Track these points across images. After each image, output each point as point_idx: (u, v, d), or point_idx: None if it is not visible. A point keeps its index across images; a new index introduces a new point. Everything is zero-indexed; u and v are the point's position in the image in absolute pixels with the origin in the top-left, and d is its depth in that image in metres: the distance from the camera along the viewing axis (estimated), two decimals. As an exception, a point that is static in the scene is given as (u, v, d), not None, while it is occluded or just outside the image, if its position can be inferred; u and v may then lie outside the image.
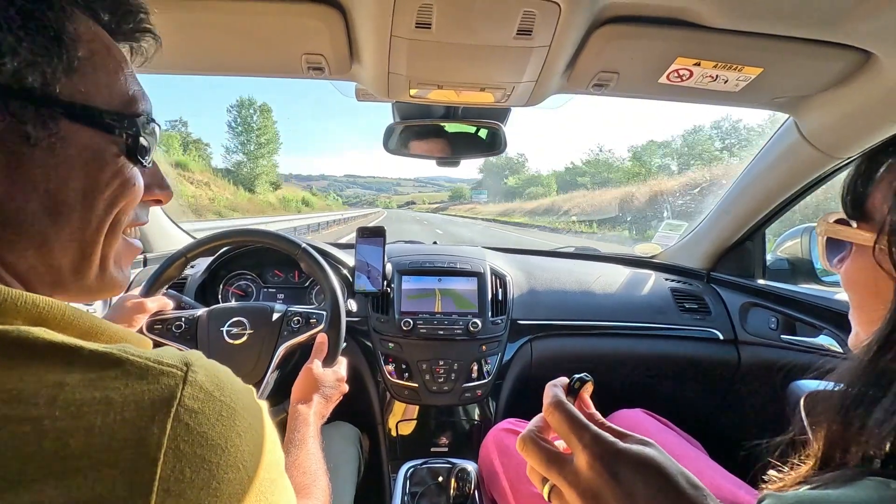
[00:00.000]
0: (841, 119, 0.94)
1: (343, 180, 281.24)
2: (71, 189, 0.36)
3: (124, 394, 0.27)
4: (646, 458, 0.39)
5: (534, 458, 0.43)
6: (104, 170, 0.37)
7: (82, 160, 0.36)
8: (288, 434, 0.73)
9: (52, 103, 0.34)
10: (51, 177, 0.35)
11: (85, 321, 0.33)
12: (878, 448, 0.34)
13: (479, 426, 1.34)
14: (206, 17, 0.75)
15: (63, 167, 0.35)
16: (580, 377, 0.48)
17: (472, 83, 0.90)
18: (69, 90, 0.35)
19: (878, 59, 0.77)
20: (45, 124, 0.34)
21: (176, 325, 0.97)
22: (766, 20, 0.71)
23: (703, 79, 0.86)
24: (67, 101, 0.35)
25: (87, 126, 0.36)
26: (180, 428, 0.28)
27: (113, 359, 0.29)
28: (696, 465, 0.86)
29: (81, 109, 0.36)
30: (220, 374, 0.33)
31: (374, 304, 1.30)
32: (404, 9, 0.68)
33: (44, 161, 0.34)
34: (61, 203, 0.35)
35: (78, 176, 0.36)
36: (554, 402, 0.44)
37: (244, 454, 0.31)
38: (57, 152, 0.35)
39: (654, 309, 1.41)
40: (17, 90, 0.32)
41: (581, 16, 0.70)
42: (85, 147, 0.36)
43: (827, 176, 1.12)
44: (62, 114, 0.35)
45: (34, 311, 0.30)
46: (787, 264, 1.38)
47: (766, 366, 1.29)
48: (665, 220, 1.83)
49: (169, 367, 0.30)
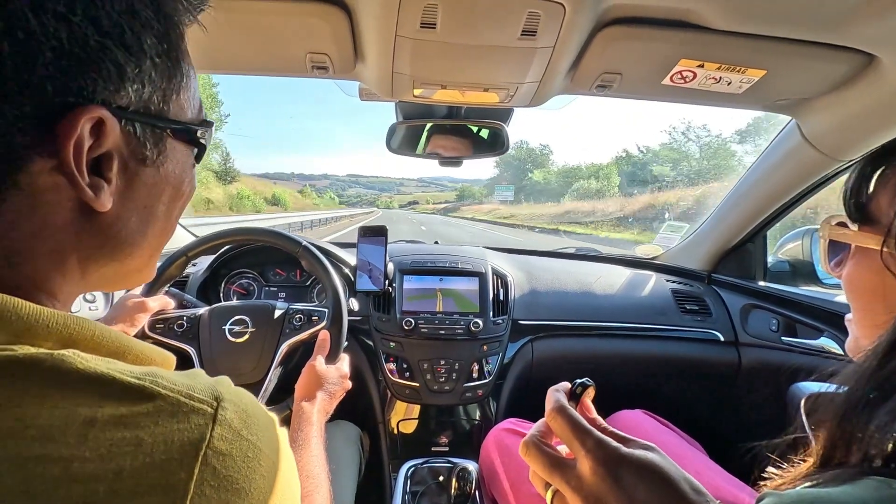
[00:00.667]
0: (843, 121, 0.94)
1: (346, 179, 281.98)
2: (162, 202, 0.37)
3: (154, 433, 0.27)
4: (649, 462, 0.39)
5: (537, 463, 0.43)
6: (186, 180, 0.39)
7: (175, 174, 0.37)
8: (291, 433, 0.73)
9: (166, 123, 0.34)
10: (152, 193, 0.36)
11: (113, 340, 0.32)
12: (880, 448, 0.34)
13: (479, 426, 1.35)
14: (210, 16, 0.76)
15: (162, 183, 0.36)
16: (582, 382, 0.48)
17: (476, 83, 0.91)
18: (176, 108, 0.36)
19: (881, 62, 0.77)
20: (157, 144, 0.34)
21: (178, 324, 0.97)
22: (769, 22, 0.71)
23: (706, 80, 0.86)
24: (174, 119, 0.35)
25: (182, 141, 0.37)
26: (207, 472, 0.27)
27: (145, 393, 0.28)
28: (697, 465, 0.86)
29: (182, 127, 0.36)
30: (248, 407, 0.32)
31: (375, 303, 1.30)
32: (409, 9, 0.68)
33: (151, 180, 0.35)
34: (152, 215, 0.37)
35: (170, 189, 0.37)
36: (557, 408, 0.44)
37: (266, 495, 0.30)
38: (160, 170, 0.36)
39: (655, 310, 1.41)
40: (143, 114, 0.33)
41: (585, 17, 0.70)
42: (178, 162, 0.37)
43: (829, 178, 1.12)
44: (169, 133, 0.35)
45: (65, 333, 0.29)
46: (788, 266, 1.38)
47: (766, 368, 1.30)
48: (667, 222, 1.83)
49: (199, 402, 0.29)
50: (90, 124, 0.30)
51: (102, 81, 0.30)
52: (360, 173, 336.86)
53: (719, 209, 1.43)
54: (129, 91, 0.31)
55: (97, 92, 0.30)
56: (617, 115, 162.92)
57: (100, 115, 0.30)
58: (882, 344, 0.38)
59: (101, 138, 0.30)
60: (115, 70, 0.30)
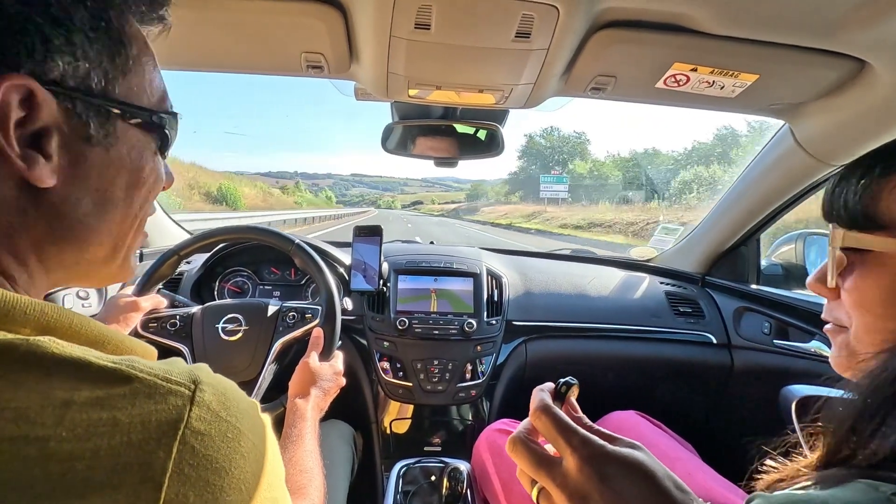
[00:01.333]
0: (835, 126, 0.94)
1: (350, 179, 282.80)
2: (118, 187, 0.37)
3: (131, 414, 0.27)
4: (634, 460, 0.39)
5: (523, 460, 0.43)
6: (145, 167, 0.39)
7: (130, 158, 0.37)
8: (285, 429, 0.73)
9: (111, 104, 0.35)
10: (103, 175, 0.36)
11: (92, 329, 0.32)
12: (886, 451, 0.35)
13: (472, 426, 1.35)
14: (205, 14, 0.75)
15: (114, 166, 0.36)
16: (566, 381, 0.48)
17: (471, 84, 0.91)
18: (124, 90, 0.36)
19: (873, 69, 0.77)
20: (103, 125, 0.35)
21: (171, 323, 0.97)
22: (763, 27, 0.71)
23: (699, 84, 0.87)
24: (123, 101, 0.36)
25: (136, 125, 0.37)
26: (186, 451, 0.28)
27: (122, 375, 0.28)
28: (688, 467, 0.87)
29: (134, 109, 0.37)
30: (227, 391, 0.32)
31: (369, 302, 1.30)
32: (404, 9, 0.68)
33: (99, 160, 0.35)
34: (108, 200, 0.37)
35: (125, 173, 0.37)
36: (541, 407, 0.44)
37: (247, 475, 0.30)
38: (111, 152, 0.36)
39: (649, 312, 1.42)
40: (83, 91, 0.33)
41: (579, 20, 0.70)
42: (133, 146, 0.38)
43: (821, 183, 1.13)
44: (118, 114, 0.36)
45: (42, 320, 0.30)
46: (781, 269, 1.39)
47: (758, 370, 1.30)
48: (661, 225, 1.84)
49: (177, 384, 0.29)
50: (18, 95, 0.30)
51: (26, 51, 0.30)
52: (364, 173, 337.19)
53: (713, 212, 1.43)
54: (59, 64, 0.31)
55: (21, 62, 0.30)
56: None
57: (26, 85, 0.30)
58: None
59: (34, 111, 0.31)
60: (40, 40, 0.30)
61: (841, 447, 0.38)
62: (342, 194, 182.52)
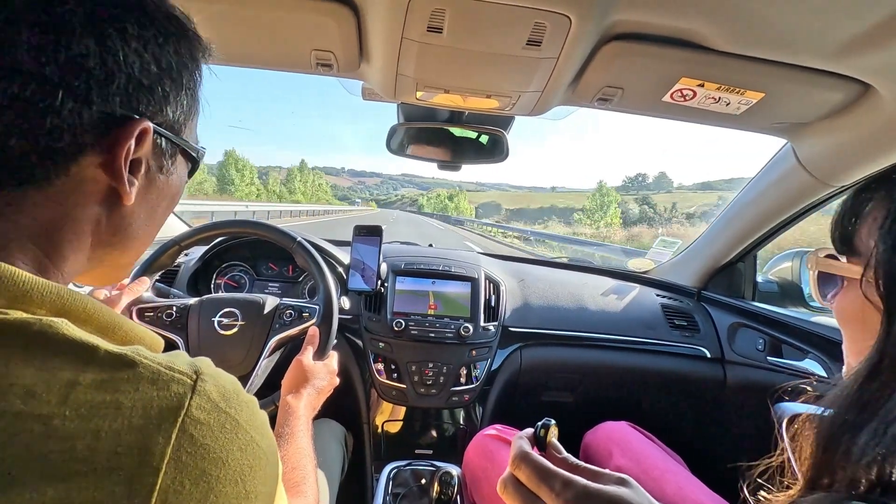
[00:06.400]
0: (837, 147, 0.95)
1: (399, 178, 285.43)
2: (162, 206, 0.44)
3: (134, 398, 0.28)
4: (619, 498, 0.39)
5: (514, 501, 0.44)
6: (181, 190, 0.47)
7: (176, 185, 0.45)
8: (277, 427, 0.73)
9: (183, 143, 0.43)
10: (159, 197, 0.43)
11: (105, 316, 0.34)
12: (864, 473, 0.35)
13: (464, 430, 1.35)
14: (217, 8, 0.75)
15: (167, 190, 0.44)
16: (543, 423, 0.49)
17: (479, 89, 0.91)
18: (187, 131, 0.44)
19: (877, 92, 0.78)
20: (172, 158, 0.42)
21: (167, 314, 0.97)
22: (770, 47, 0.72)
23: (705, 100, 0.88)
24: (186, 140, 0.43)
25: (186, 159, 0.45)
26: (185, 439, 0.28)
27: (126, 360, 0.30)
28: (678, 479, 0.87)
29: (190, 148, 0.44)
30: (227, 384, 0.33)
31: (366, 303, 1.30)
32: (417, 12, 0.68)
33: (160, 186, 0.42)
34: (153, 216, 0.43)
35: (169, 195, 0.45)
36: (519, 456, 0.44)
37: (244, 468, 0.31)
38: (169, 179, 0.43)
39: (644, 324, 1.42)
40: (173, 132, 0.41)
41: (590, 30, 0.71)
42: (180, 175, 0.45)
43: (820, 203, 1.14)
44: (181, 151, 0.43)
45: (58, 302, 0.31)
46: (777, 287, 1.40)
47: (751, 386, 1.31)
48: (659, 237, 1.85)
49: (180, 374, 0.31)
50: (137, 134, 0.36)
51: (154, 103, 0.38)
52: (414, 174, 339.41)
53: (712, 227, 1.44)
54: (167, 112, 0.39)
55: (148, 110, 0.37)
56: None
57: (145, 128, 0.37)
58: (862, 369, 0.38)
59: (140, 145, 0.37)
60: (163, 96, 0.38)
61: (820, 466, 0.39)
62: (387, 194, 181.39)
